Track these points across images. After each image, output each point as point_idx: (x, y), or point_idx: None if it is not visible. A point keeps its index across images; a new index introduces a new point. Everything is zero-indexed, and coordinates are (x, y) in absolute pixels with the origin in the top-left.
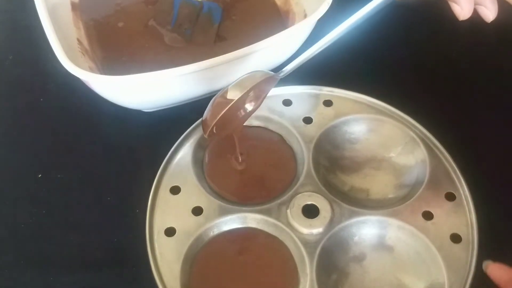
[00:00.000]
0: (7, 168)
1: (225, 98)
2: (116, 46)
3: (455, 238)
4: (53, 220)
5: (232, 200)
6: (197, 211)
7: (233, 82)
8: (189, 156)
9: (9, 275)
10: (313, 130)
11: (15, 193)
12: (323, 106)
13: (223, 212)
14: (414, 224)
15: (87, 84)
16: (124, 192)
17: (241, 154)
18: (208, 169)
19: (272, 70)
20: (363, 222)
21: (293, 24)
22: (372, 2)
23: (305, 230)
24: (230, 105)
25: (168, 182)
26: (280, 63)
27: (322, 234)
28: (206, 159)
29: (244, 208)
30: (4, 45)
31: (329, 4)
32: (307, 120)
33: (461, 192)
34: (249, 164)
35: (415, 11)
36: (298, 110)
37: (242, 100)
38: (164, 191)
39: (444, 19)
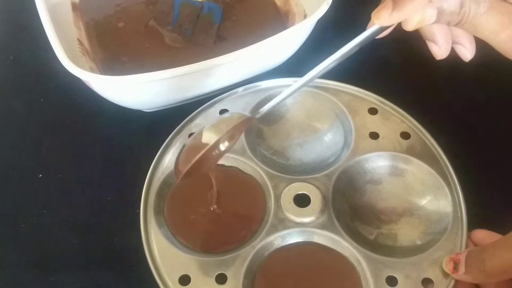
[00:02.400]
0: (8, 168)
1: (199, 141)
2: (117, 46)
3: (404, 135)
4: (53, 220)
5: (234, 247)
6: (221, 278)
7: (208, 124)
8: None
9: (9, 275)
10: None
11: (16, 193)
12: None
13: (243, 260)
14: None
15: (87, 84)
16: (124, 192)
17: (218, 194)
18: (188, 241)
19: (271, 71)
20: (346, 170)
21: (293, 24)
22: (355, 39)
23: (311, 218)
24: (204, 150)
25: (171, 274)
26: (280, 64)
27: (326, 209)
28: (175, 234)
29: (254, 243)
30: (4, 46)
31: (329, 5)
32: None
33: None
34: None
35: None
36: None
37: (216, 143)
38: (173, 283)
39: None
